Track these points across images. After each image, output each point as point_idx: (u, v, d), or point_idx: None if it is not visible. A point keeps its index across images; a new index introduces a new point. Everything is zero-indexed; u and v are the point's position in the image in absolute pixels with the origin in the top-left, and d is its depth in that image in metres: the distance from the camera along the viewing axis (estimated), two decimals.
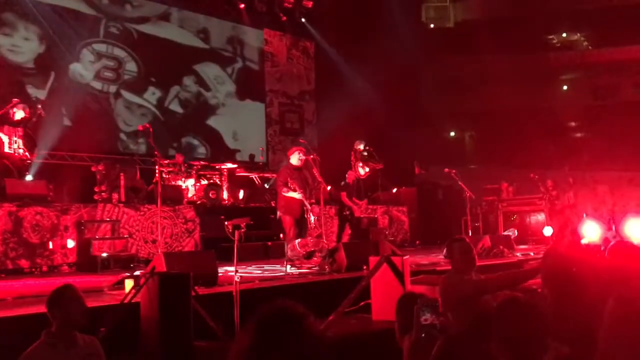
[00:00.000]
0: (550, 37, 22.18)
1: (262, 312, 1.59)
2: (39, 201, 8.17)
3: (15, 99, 9.17)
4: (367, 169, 11.83)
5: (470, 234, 11.13)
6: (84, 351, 3.11)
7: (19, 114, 8.74)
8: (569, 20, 20.95)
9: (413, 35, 16.86)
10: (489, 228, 13.01)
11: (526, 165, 14.89)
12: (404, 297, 3.11)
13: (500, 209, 13.26)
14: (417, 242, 12.55)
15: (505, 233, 11.64)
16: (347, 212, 10.08)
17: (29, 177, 9.14)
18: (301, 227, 7.73)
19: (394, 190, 13.44)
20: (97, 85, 12.55)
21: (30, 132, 8.95)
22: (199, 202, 10.72)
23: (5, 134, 8.58)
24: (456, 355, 2.37)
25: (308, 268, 7.59)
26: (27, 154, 8.77)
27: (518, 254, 9.47)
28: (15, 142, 8.65)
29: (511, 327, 2.19)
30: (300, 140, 9.97)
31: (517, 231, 12.21)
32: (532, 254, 9.49)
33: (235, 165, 12.57)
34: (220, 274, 6.18)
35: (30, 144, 8.94)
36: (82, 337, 3.14)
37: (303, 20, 16.37)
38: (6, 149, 8.58)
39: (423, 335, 2.55)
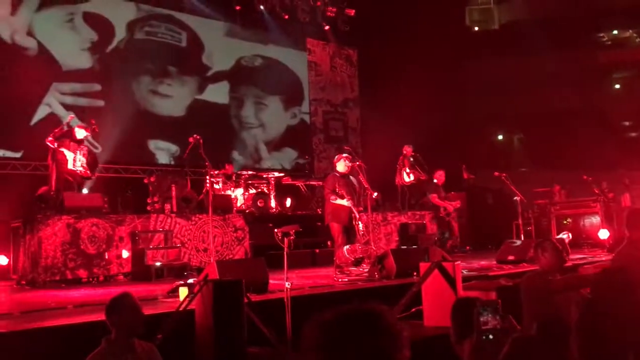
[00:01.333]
0: (600, 35, 21.52)
1: (338, 309, 1.54)
2: (95, 213, 8.44)
3: (72, 115, 9.54)
4: (412, 177, 11.77)
5: (522, 238, 10.88)
6: (142, 358, 3.19)
7: (80, 133, 9.11)
8: (620, 17, 20.30)
9: (457, 39, 16.69)
10: (541, 232, 12.66)
11: (578, 167, 14.45)
12: (459, 302, 3.07)
13: (552, 212, 12.92)
14: (467, 247, 12.34)
15: (559, 237, 11.32)
16: (444, 214, 10.23)
17: (85, 190, 9.48)
18: (349, 234, 7.73)
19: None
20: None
21: (94, 152, 9.32)
22: (247, 210, 10.87)
23: (71, 151, 8.94)
24: (528, 358, 2.32)
25: (357, 275, 7.58)
26: (88, 172, 9.11)
27: (584, 257, 9.19)
28: (79, 160, 8.98)
29: (594, 333, 2.14)
30: (345, 148, 9.98)
31: (571, 235, 11.85)
32: (591, 257, 9.21)
33: (281, 174, 12.69)
34: (271, 282, 6.24)
35: (93, 163, 9.30)
36: (140, 344, 3.23)
37: (346, 28, 16.42)
38: (69, 166, 8.93)
39: (484, 338, 2.50)
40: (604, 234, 11.28)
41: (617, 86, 21.57)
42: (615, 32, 21.37)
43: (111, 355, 3.09)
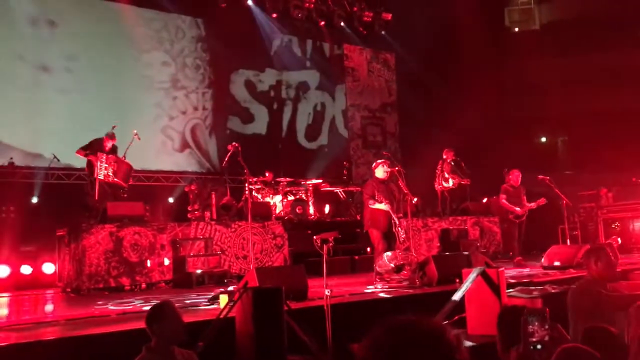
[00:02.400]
0: None
1: (393, 325, 1.45)
2: (137, 221, 8.57)
3: (114, 126, 9.73)
4: (453, 181, 11.56)
5: (568, 243, 10.57)
6: None
7: (108, 144, 9.26)
8: None
9: (497, 40, 16.41)
10: (588, 237, 12.30)
11: (626, 169, 13.98)
12: (505, 310, 2.97)
13: (599, 216, 12.53)
14: (511, 253, 12.05)
15: (608, 241, 10.95)
16: (512, 216, 9.95)
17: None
18: (389, 240, 7.63)
19: (484, 200, 13.02)
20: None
21: (128, 162, 9.39)
22: (286, 217, 10.89)
23: (98, 160, 9.07)
24: None
25: (398, 282, 7.47)
26: (116, 179, 9.17)
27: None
28: (106, 169, 9.07)
29: None
30: (384, 153, 9.88)
31: (620, 239, 11.45)
32: None
33: (319, 181, 12.67)
34: (311, 288, 6.20)
35: (126, 173, 9.37)
36: (180, 352, 3.23)
37: (383, 32, 16.34)
38: (94, 175, 9.04)
39: (532, 348, 2.40)
40: None
41: None
42: None
43: None
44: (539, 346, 2.41)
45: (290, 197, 11.73)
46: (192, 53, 13.46)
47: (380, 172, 7.99)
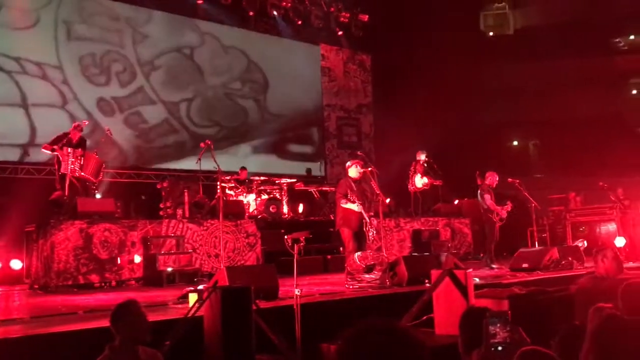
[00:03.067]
0: (617, 40, 21.30)
1: (359, 324, 1.53)
2: (108, 218, 8.48)
3: (85, 121, 9.60)
4: (425, 182, 11.68)
5: (536, 246, 10.76)
6: None
7: (75, 134, 9.11)
8: (636, 22, 20.07)
9: (471, 44, 16.59)
10: (556, 239, 12.53)
11: (594, 173, 14.28)
12: (468, 312, 3.01)
13: (568, 219, 12.77)
14: (481, 254, 12.22)
15: (574, 244, 11.18)
16: (497, 218, 9.90)
17: (98, 195, 9.52)
18: (360, 240, 7.67)
19: (456, 202, 13.18)
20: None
21: (97, 157, 9.26)
22: (259, 216, 10.87)
23: (65, 154, 8.93)
24: None
25: (369, 282, 7.51)
26: (83, 174, 9.03)
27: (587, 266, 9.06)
28: (72, 163, 8.94)
29: (611, 343, 2.10)
30: (358, 153, 9.92)
31: (587, 242, 11.70)
32: None
33: (294, 180, 12.68)
34: (281, 288, 6.21)
35: (96, 165, 9.24)
36: (144, 351, 3.21)
37: (359, 34, 16.41)
38: (62, 169, 8.92)
39: (493, 350, 2.45)
40: (620, 242, 11.12)
41: (634, 92, 21.32)
42: (632, 37, 21.15)
43: None
44: (500, 348, 2.46)
45: (264, 196, 11.72)
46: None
47: (354, 171, 8.02)
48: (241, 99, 14.40)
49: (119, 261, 8.30)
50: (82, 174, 8.97)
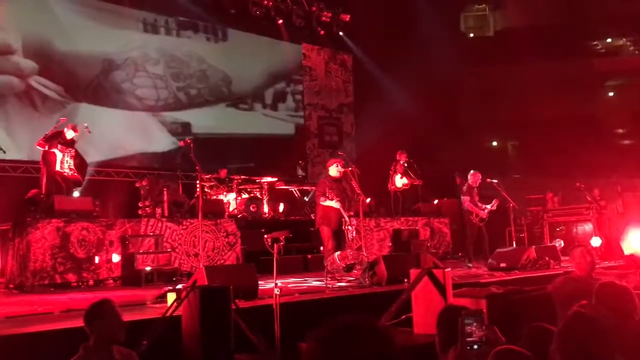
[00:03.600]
0: (594, 43, 21.64)
1: (332, 322, 1.53)
2: (86, 217, 8.38)
3: (63, 118, 9.49)
4: (405, 182, 11.75)
5: (514, 246, 10.88)
6: None
7: (69, 134, 9.05)
8: (613, 25, 20.41)
9: (452, 45, 16.71)
10: (534, 239, 12.68)
11: (571, 174, 14.49)
12: (445, 311, 3.04)
13: (545, 219, 12.94)
14: (460, 253, 12.32)
15: (552, 244, 11.33)
16: (476, 219, 9.91)
17: (75, 194, 9.42)
18: (339, 238, 7.69)
19: (435, 201, 13.27)
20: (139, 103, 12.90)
21: (81, 155, 9.21)
22: (240, 215, 10.83)
23: (60, 152, 8.87)
24: None
25: (348, 281, 7.54)
26: (76, 174, 9.01)
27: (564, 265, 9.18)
28: (67, 162, 8.91)
29: (578, 342, 2.13)
30: (339, 153, 9.95)
31: (564, 242, 11.87)
32: None
33: (275, 179, 12.65)
34: (261, 287, 6.20)
35: (82, 166, 9.20)
36: (119, 351, 3.18)
37: (341, 33, 16.44)
38: (57, 167, 8.86)
39: (469, 348, 2.47)
40: (596, 242, 11.29)
41: (611, 94, 21.68)
42: (609, 40, 21.51)
43: None
44: (475, 347, 2.49)
45: (245, 195, 11.68)
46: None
47: (334, 170, 8.05)
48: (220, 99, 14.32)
49: (96, 260, 8.20)
50: (75, 174, 8.91)
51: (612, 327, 2.72)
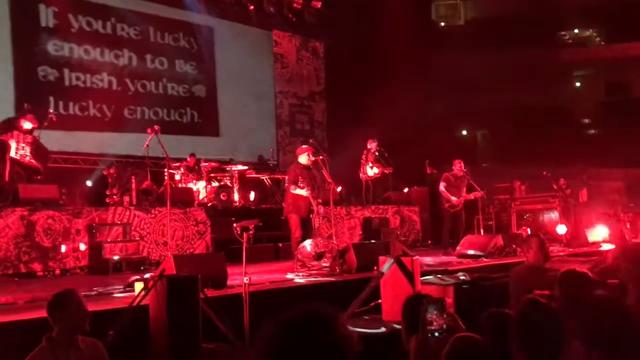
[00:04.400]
0: (563, 33, 22.00)
1: (286, 314, 1.48)
2: (51, 205, 8.22)
3: (27, 106, 9.24)
4: (376, 170, 11.82)
5: (482, 233, 11.05)
6: (86, 355, 3.10)
7: (26, 125, 8.80)
8: (581, 16, 20.77)
9: (423, 34, 16.78)
10: (501, 227, 12.90)
11: (539, 163, 14.75)
12: (410, 299, 3.08)
13: (513, 207, 13.16)
14: (429, 241, 12.48)
15: (518, 232, 11.54)
16: (447, 205, 9.93)
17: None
18: (307, 227, 7.70)
19: (405, 190, 13.38)
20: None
21: (42, 142, 8.98)
22: (209, 204, 10.75)
23: (14, 140, 8.64)
24: (467, 357, 2.34)
25: (318, 269, 7.56)
26: (32, 161, 8.77)
27: None
28: (23, 149, 8.68)
29: (535, 328, 2.18)
30: (310, 141, 9.93)
31: (530, 230, 12.10)
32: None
33: (245, 167, 12.58)
34: (231, 276, 6.18)
35: (43, 154, 8.96)
36: (84, 341, 3.13)
37: (312, 20, 16.36)
38: (12, 154, 8.63)
39: (430, 335, 2.51)
40: (561, 229, 11.54)
41: (578, 84, 22.10)
42: (576, 31, 21.88)
43: (52, 353, 2.99)
44: (436, 334, 2.53)
45: (215, 183, 11.59)
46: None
47: (304, 158, 8.04)
48: (191, 84, 14.13)
49: (63, 249, 8.06)
50: (32, 161, 8.68)
51: (571, 314, 2.79)
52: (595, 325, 2.62)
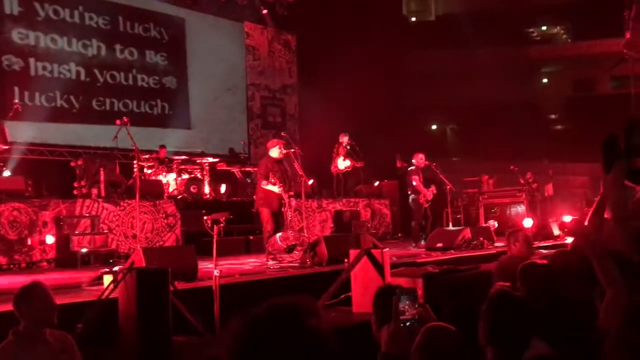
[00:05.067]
0: (531, 30, 22.37)
1: (260, 307, 1.41)
2: (17, 197, 8.07)
3: None
4: (348, 164, 11.88)
5: (451, 226, 11.21)
6: (55, 348, 3.06)
7: None
8: (549, 13, 21.14)
9: (394, 28, 16.87)
10: (470, 220, 13.10)
11: (507, 157, 15.02)
12: (381, 290, 3.11)
13: (481, 201, 13.37)
14: (400, 234, 12.61)
15: (486, 225, 11.74)
16: (423, 199, 9.88)
17: (6, 173, 9.03)
18: (279, 220, 7.71)
19: (376, 183, 13.48)
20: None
21: (4, 133, 8.78)
22: (180, 196, 10.66)
23: None
24: (440, 346, 2.38)
25: (289, 262, 7.59)
26: None
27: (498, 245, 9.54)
28: None
29: (499, 320, 2.23)
30: (282, 134, 9.92)
31: (497, 223, 12.33)
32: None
33: (216, 160, 12.50)
34: (201, 269, 6.16)
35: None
36: (52, 334, 3.09)
37: (284, 13, 16.29)
38: None
39: (402, 325, 2.54)
40: (528, 223, 11.77)
41: (545, 80, 22.50)
42: (544, 27, 22.26)
43: (19, 348, 2.95)
44: (408, 324, 2.57)
45: (185, 176, 11.49)
46: None
47: (276, 152, 8.03)
48: (162, 75, 13.96)
49: (29, 242, 7.93)
50: None
51: (534, 306, 2.87)
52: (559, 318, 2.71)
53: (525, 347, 2.27)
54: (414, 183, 9.97)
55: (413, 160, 10.26)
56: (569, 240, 9.93)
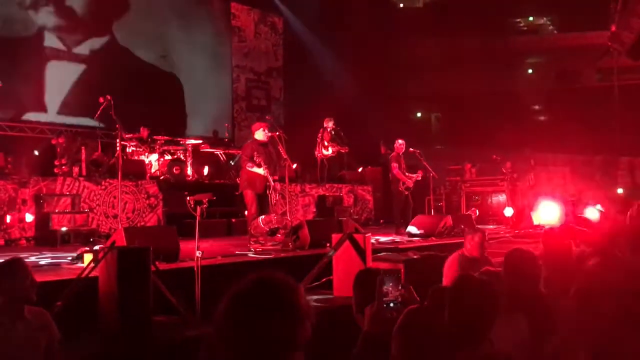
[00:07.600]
0: (517, 20, 22.40)
1: (242, 282, 1.47)
2: None
3: None
4: (332, 149, 11.87)
5: (432, 213, 11.28)
6: (32, 325, 3.04)
7: None
8: (536, 4, 21.17)
9: (382, 14, 16.81)
10: (452, 208, 13.20)
11: (490, 146, 15.10)
12: (361, 273, 3.13)
13: (463, 189, 13.46)
14: (382, 220, 12.67)
15: (467, 213, 11.85)
16: (402, 187, 9.86)
17: None
18: (263, 203, 7.70)
19: (360, 169, 13.50)
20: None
21: None
22: (162, 177, 10.58)
23: None
24: (418, 327, 2.41)
25: (271, 245, 7.58)
26: None
27: None
28: None
29: (464, 302, 2.25)
30: (267, 118, 9.86)
31: (479, 211, 12.44)
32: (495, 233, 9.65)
33: (199, 141, 12.42)
34: (183, 249, 6.13)
35: None
36: (30, 310, 3.07)
37: None
38: None
39: (386, 306, 2.56)
40: (508, 212, 11.90)
41: (530, 71, 22.59)
42: (530, 18, 22.31)
43: None
44: (391, 305, 2.59)
45: (168, 157, 11.39)
46: None
47: (260, 134, 7.98)
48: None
49: (8, 219, 7.84)
50: None
51: (519, 291, 2.91)
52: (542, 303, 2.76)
53: (488, 328, 2.31)
54: (394, 171, 10.00)
55: (395, 147, 10.29)
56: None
